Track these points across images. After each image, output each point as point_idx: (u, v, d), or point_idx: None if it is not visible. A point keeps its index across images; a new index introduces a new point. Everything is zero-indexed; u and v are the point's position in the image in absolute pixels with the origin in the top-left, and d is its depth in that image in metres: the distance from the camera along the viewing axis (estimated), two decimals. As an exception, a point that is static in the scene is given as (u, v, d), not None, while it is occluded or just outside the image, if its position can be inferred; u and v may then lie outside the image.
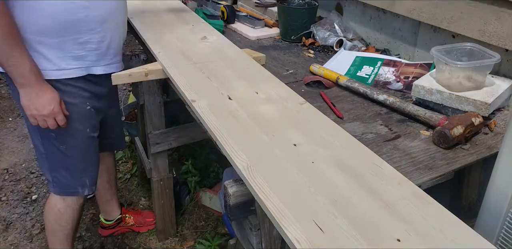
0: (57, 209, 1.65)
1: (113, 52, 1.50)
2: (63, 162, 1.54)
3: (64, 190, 1.61)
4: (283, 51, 1.88)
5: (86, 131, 1.53)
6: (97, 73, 1.48)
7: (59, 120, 1.40)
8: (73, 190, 1.60)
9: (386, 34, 1.81)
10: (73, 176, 1.57)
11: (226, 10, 2.16)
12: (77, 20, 1.35)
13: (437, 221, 0.81)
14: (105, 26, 1.42)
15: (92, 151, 1.60)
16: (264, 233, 1.04)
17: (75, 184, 1.59)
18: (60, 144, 1.50)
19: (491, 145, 1.18)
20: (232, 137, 1.05)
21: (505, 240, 1.03)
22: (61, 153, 1.52)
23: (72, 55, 1.40)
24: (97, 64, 1.47)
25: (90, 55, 1.43)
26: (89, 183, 1.62)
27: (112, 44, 1.48)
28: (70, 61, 1.40)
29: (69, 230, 1.71)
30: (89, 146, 1.57)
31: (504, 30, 1.29)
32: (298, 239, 0.76)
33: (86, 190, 1.61)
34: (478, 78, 1.27)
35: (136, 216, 2.18)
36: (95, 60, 1.46)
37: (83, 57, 1.42)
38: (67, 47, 1.38)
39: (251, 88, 1.30)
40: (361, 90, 1.43)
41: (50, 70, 1.38)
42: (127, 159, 2.74)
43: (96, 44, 1.43)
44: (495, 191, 1.01)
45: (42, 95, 1.35)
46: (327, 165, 0.96)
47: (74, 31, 1.36)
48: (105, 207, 2.09)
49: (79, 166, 1.57)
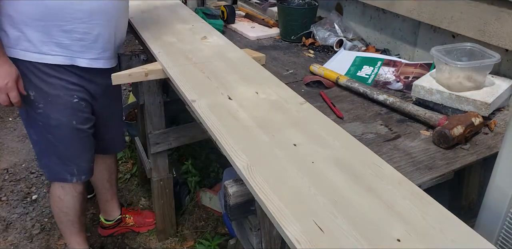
0: (57, 196, 1.71)
1: (100, 46, 1.49)
2: (52, 149, 1.58)
3: (54, 176, 1.66)
4: (283, 51, 1.88)
5: (71, 123, 1.53)
6: (81, 65, 1.47)
7: (12, 97, 1.40)
8: (62, 177, 1.64)
9: (386, 34, 1.81)
10: (61, 163, 1.61)
11: (226, 10, 2.16)
12: (62, 6, 1.35)
13: (437, 221, 0.81)
14: (93, 18, 1.41)
15: (81, 142, 1.60)
16: (264, 233, 1.04)
17: (64, 171, 1.63)
18: (47, 133, 1.53)
19: (491, 145, 1.18)
20: (232, 137, 1.05)
21: (505, 240, 1.03)
22: (48, 141, 1.55)
23: (56, 42, 1.40)
24: (81, 55, 1.46)
25: (74, 45, 1.43)
26: (77, 172, 1.64)
27: (100, 38, 1.47)
28: (53, 47, 1.41)
29: (72, 216, 1.77)
30: (76, 137, 1.58)
31: (504, 30, 1.29)
32: (298, 239, 0.76)
33: (74, 178, 1.64)
34: (478, 78, 1.27)
35: (136, 216, 2.18)
36: (80, 51, 1.45)
37: (67, 45, 1.42)
38: (51, 32, 1.38)
39: (251, 88, 1.30)
40: (361, 90, 1.43)
41: (31, 52, 1.39)
42: (127, 159, 2.74)
43: (81, 34, 1.42)
44: (495, 191, 1.01)
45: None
46: (327, 165, 0.96)
47: (59, 17, 1.37)
48: (105, 207, 2.10)
49: (67, 155, 1.60)
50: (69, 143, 1.58)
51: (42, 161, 1.64)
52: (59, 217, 1.79)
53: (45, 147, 1.58)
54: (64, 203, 1.72)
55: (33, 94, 1.45)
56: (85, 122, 1.58)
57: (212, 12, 2.13)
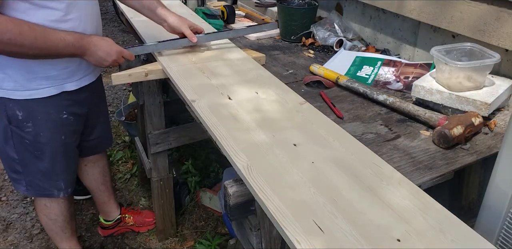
0: (43, 204, 1.69)
1: (85, 67, 1.48)
2: (38, 166, 1.54)
3: (40, 193, 1.63)
4: (283, 51, 1.88)
5: (60, 138, 1.52)
6: (70, 89, 1.46)
7: (127, 56, 1.42)
8: (49, 193, 1.62)
9: (386, 34, 1.81)
10: (48, 180, 1.58)
11: (226, 10, 2.16)
12: None
13: (437, 221, 0.81)
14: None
15: (67, 156, 1.59)
16: (264, 233, 1.04)
17: (51, 187, 1.61)
18: (34, 150, 1.50)
19: (491, 145, 1.17)
20: (232, 137, 1.05)
21: (505, 240, 1.03)
22: (35, 158, 1.52)
23: (42, 76, 1.38)
24: (69, 81, 1.45)
25: (62, 74, 1.42)
26: (64, 187, 1.63)
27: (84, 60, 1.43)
28: (41, 81, 1.38)
29: (61, 222, 1.75)
30: (63, 152, 1.56)
31: (504, 30, 1.29)
32: (298, 239, 0.76)
33: (61, 193, 1.63)
34: (478, 78, 1.27)
35: (136, 216, 2.18)
36: (67, 77, 1.44)
37: (55, 76, 1.40)
38: (35, 69, 1.35)
39: (251, 88, 1.30)
40: (361, 90, 1.43)
41: (20, 91, 1.37)
42: (127, 159, 2.74)
43: (66, 62, 1.40)
44: (495, 191, 1.01)
45: (99, 48, 1.35)
46: (327, 165, 0.96)
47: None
48: (103, 208, 2.09)
49: (54, 171, 1.57)
50: (58, 158, 1.56)
51: (23, 179, 1.57)
52: (47, 225, 1.76)
53: (29, 165, 1.54)
54: (52, 210, 1.70)
55: (21, 114, 1.41)
56: (72, 135, 1.58)
57: (212, 12, 2.13)
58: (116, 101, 3.47)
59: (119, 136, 2.98)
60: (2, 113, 1.42)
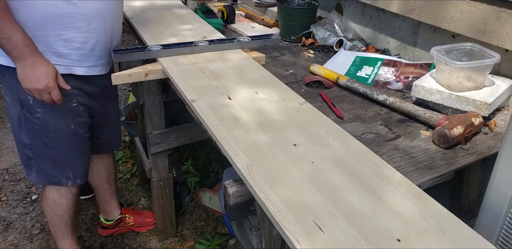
0: (51, 199, 1.70)
1: (97, 55, 1.48)
2: (48, 153, 1.56)
3: (49, 180, 1.64)
4: (283, 51, 1.88)
5: (70, 127, 1.53)
6: (78, 73, 1.47)
7: (54, 95, 1.39)
8: (57, 180, 1.63)
9: (386, 34, 1.81)
10: (57, 167, 1.60)
11: (226, 10, 2.16)
12: (62, 16, 1.34)
13: (437, 221, 0.81)
14: (91, 26, 1.41)
15: (77, 146, 1.60)
16: (264, 233, 1.04)
17: (59, 175, 1.62)
18: (44, 137, 1.52)
19: (491, 145, 1.17)
20: (232, 137, 1.05)
21: (505, 240, 1.03)
22: (45, 145, 1.54)
23: (54, 51, 1.39)
24: (79, 64, 1.46)
25: (73, 54, 1.42)
26: (73, 176, 1.64)
27: (97, 47, 1.47)
28: (52, 57, 1.39)
29: (66, 219, 1.76)
30: (73, 142, 1.58)
31: (504, 30, 1.29)
32: (298, 239, 0.76)
33: (69, 181, 1.64)
34: (478, 78, 1.27)
35: (136, 216, 2.18)
36: (77, 59, 1.44)
37: (66, 55, 1.41)
38: (50, 41, 1.37)
39: (251, 88, 1.30)
40: (361, 90, 1.43)
41: None
42: (127, 159, 2.74)
43: (80, 43, 1.42)
44: (495, 191, 1.01)
45: (37, 69, 1.34)
46: (327, 165, 0.96)
47: (58, 26, 1.36)
48: (104, 207, 2.10)
49: (63, 159, 1.59)
50: (66, 147, 1.57)
51: (34, 165, 1.60)
52: (52, 220, 1.78)
53: (40, 151, 1.56)
54: (59, 206, 1.71)
55: (32, 99, 1.43)
56: (82, 126, 1.59)
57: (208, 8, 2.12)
58: (116, 101, 3.47)
59: (119, 136, 2.98)
60: (15, 97, 1.45)
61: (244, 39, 1.64)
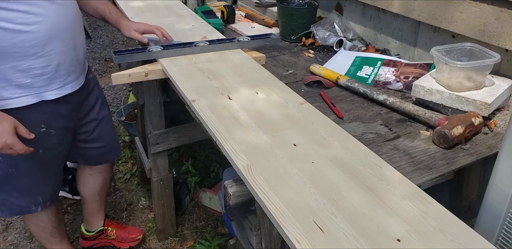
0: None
1: (64, 73, 1.38)
2: (13, 183, 1.47)
3: (15, 211, 1.57)
4: (283, 51, 1.88)
5: (38, 152, 1.41)
6: (50, 98, 1.38)
7: (18, 150, 1.29)
8: (26, 210, 1.56)
9: (386, 34, 1.81)
10: (25, 197, 1.52)
11: (226, 10, 2.16)
12: (11, 46, 1.23)
13: (437, 221, 0.81)
14: (47, 49, 1.30)
15: (47, 169, 1.52)
16: (264, 233, 1.04)
17: (28, 203, 1.55)
18: (8, 168, 1.43)
19: (491, 145, 1.18)
20: (232, 137, 1.05)
21: (505, 240, 1.03)
22: (9, 176, 1.45)
23: (15, 84, 1.29)
24: (47, 89, 1.36)
25: (37, 82, 1.32)
26: (43, 200, 1.57)
27: (61, 66, 1.36)
28: (14, 90, 1.30)
29: (50, 228, 1.71)
30: (42, 166, 1.49)
31: (504, 30, 1.29)
32: (298, 239, 0.76)
33: (39, 207, 1.57)
34: (478, 78, 1.27)
35: (119, 230, 2.06)
36: (44, 85, 1.34)
37: (29, 84, 1.31)
38: (7, 75, 1.27)
39: (251, 88, 1.30)
40: (361, 90, 1.43)
41: None
42: (127, 159, 2.74)
43: (41, 69, 1.31)
44: (495, 191, 1.02)
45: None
46: (327, 165, 0.96)
47: (10, 58, 1.25)
48: (89, 218, 2.00)
49: (31, 186, 1.51)
50: (35, 174, 1.48)
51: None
52: (36, 232, 1.71)
53: (3, 184, 1.46)
54: (38, 218, 1.64)
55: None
56: (55, 148, 1.49)
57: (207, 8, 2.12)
58: (116, 101, 3.47)
59: (119, 136, 2.98)
60: None
61: (244, 39, 1.64)
